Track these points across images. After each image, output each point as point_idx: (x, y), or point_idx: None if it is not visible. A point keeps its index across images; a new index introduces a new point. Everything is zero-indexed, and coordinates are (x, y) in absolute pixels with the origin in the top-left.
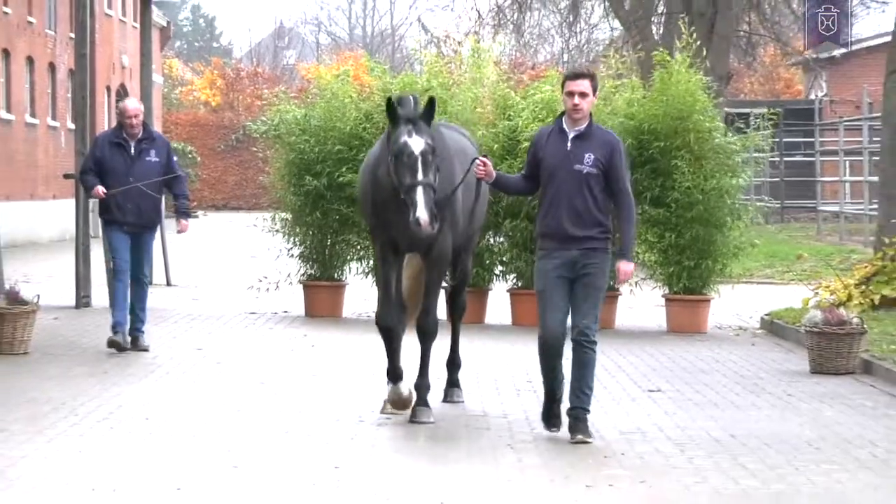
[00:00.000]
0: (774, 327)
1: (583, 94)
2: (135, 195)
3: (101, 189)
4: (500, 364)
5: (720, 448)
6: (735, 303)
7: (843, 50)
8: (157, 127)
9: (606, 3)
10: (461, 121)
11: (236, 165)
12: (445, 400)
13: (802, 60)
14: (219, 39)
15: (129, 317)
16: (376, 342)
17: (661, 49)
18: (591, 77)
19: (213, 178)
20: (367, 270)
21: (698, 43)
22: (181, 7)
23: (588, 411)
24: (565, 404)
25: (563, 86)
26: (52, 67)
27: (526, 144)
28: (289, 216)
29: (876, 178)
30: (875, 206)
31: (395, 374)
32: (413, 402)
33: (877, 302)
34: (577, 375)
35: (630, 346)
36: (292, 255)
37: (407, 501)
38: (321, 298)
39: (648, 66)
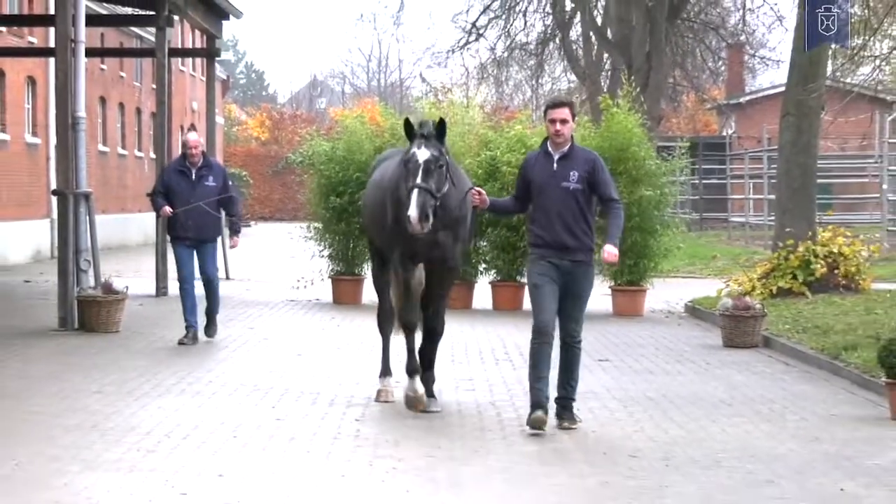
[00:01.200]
0: (695, 311)
1: (563, 121)
2: (195, 214)
3: (167, 209)
4: (483, 340)
5: (654, 405)
6: (665, 292)
7: (749, 97)
8: (218, 157)
9: (565, 62)
10: (452, 153)
11: (280, 186)
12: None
13: (716, 105)
14: (267, 89)
15: (199, 317)
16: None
17: (607, 96)
18: (570, 105)
19: (262, 196)
20: None
21: (637, 91)
22: (238, 63)
23: (573, 400)
24: (552, 395)
25: (545, 114)
26: (138, 111)
27: (504, 169)
28: (320, 226)
29: (773, 196)
30: (772, 217)
31: (412, 369)
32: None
33: (774, 291)
34: (564, 369)
35: (584, 325)
36: (323, 256)
37: (411, 441)
38: (345, 289)
39: (598, 109)
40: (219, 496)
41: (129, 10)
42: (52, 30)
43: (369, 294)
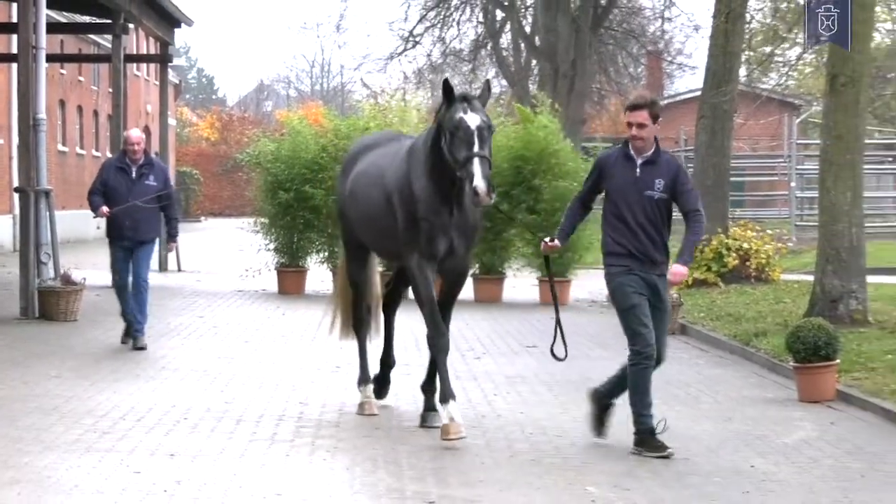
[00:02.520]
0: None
1: (640, 125)
2: (133, 213)
3: (104, 208)
4: (417, 328)
5: (577, 387)
6: (588, 283)
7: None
8: (171, 157)
9: (496, 68)
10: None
11: (229, 184)
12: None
13: None
14: (216, 93)
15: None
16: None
17: (534, 100)
18: (649, 105)
19: (212, 193)
20: (322, 260)
21: (563, 95)
22: (189, 69)
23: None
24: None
25: (625, 114)
26: (95, 114)
27: None
28: (266, 221)
29: None
30: None
31: (448, 393)
32: (449, 419)
33: (690, 282)
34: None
35: (513, 314)
36: (269, 249)
37: (351, 423)
38: (290, 280)
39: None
40: (170, 474)
41: (87, 19)
42: (14, 37)
43: (312, 284)
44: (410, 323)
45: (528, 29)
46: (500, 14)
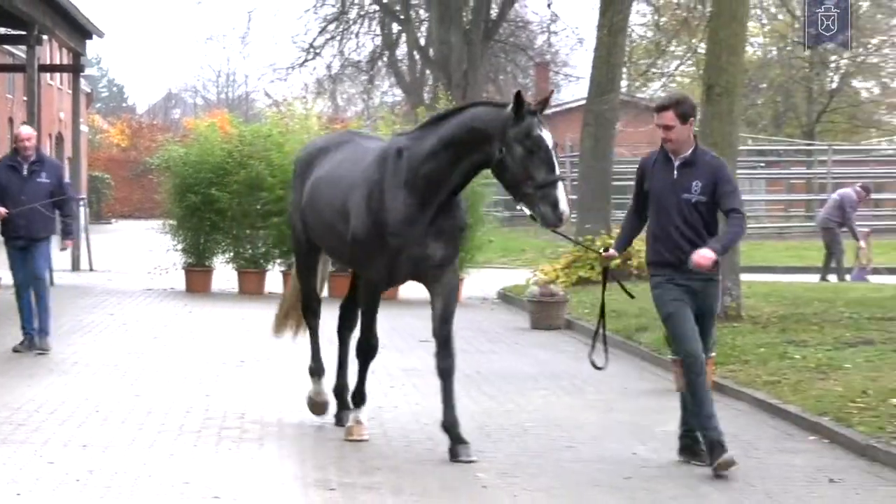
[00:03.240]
0: (507, 298)
1: (667, 127)
2: (26, 212)
3: (2, 210)
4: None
5: (470, 381)
6: (480, 281)
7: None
8: (83, 162)
9: (392, 78)
10: (294, 158)
11: (139, 188)
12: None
13: None
14: (126, 101)
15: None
16: (242, 314)
17: (423, 109)
18: (675, 105)
19: (122, 197)
20: (227, 260)
21: (455, 105)
22: (101, 78)
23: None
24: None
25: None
26: (10, 121)
27: None
28: (174, 222)
29: (575, 197)
30: (575, 215)
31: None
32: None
33: (576, 280)
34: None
35: (408, 310)
36: (177, 249)
37: (257, 414)
38: (197, 279)
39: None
40: (82, 465)
41: (1, 30)
42: None
43: (218, 283)
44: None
45: (422, 41)
46: (396, 27)
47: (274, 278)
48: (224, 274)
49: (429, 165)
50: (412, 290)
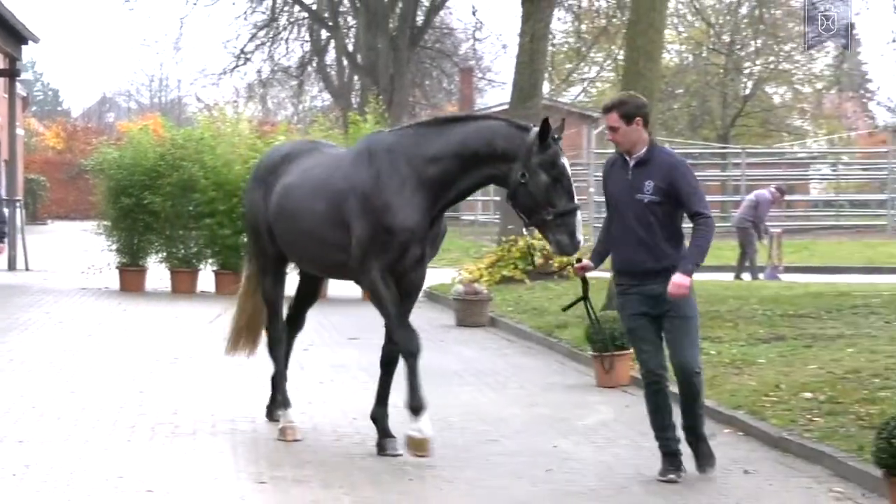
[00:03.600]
0: (432, 296)
1: (612, 129)
2: None
3: None
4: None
5: (398, 376)
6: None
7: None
8: (19, 165)
9: (322, 83)
10: (224, 160)
11: (74, 189)
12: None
13: None
14: (62, 105)
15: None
16: (175, 313)
17: (356, 112)
18: (617, 106)
19: (58, 198)
20: (160, 260)
21: (383, 108)
22: (36, 82)
23: (704, 440)
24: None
25: None
26: None
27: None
28: (109, 223)
29: (498, 198)
30: (498, 216)
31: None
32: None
33: (499, 279)
34: (685, 409)
35: (336, 309)
36: (111, 250)
37: (189, 409)
38: (130, 279)
39: (348, 122)
40: (19, 459)
41: None
42: None
43: (152, 283)
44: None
45: (350, 47)
46: (324, 34)
47: (206, 278)
48: (157, 273)
49: (436, 168)
50: (341, 289)
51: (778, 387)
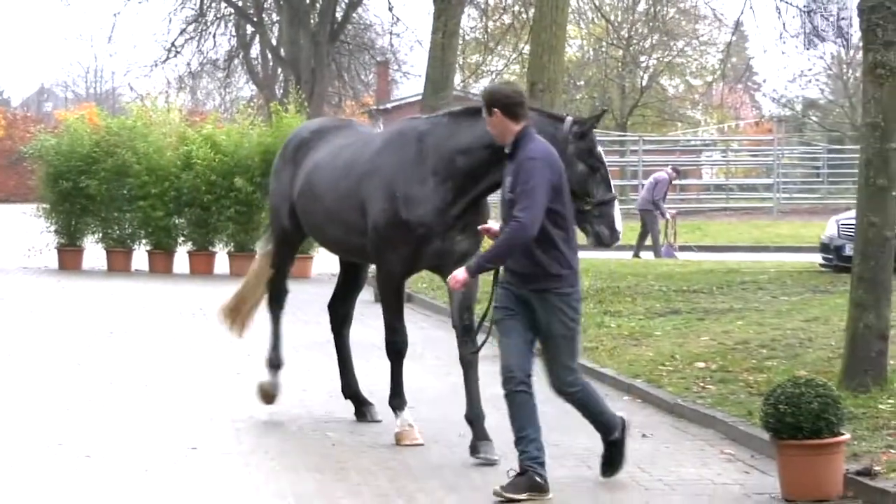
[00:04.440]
0: None
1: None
2: None
3: None
4: (184, 298)
5: (320, 349)
6: (328, 258)
7: (395, 104)
8: None
9: (248, 75)
10: (156, 147)
11: (15, 175)
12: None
13: (368, 110)
14: (1, 95)
15: None
16: (111, 290)
17: (276, 103)
18: (485, 96)
19: None
20: (97, 240)
21: (303, 98)
22: None
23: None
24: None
25: None
26: None
27: (197, 162)
28: (48, 206)
29: None
30: None
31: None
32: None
33: None
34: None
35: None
36: (50, 231)
37: (125, 378)
38: (69, 258)
39: (271, 113)
40: None
41: None
42: None
43: (89, 262)
44: (177, 291)
45: (274, 42)
46: (250, 29)
47: (140, 257)
48: (94, 253)
49: (466, 160)
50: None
51: (673, 357)
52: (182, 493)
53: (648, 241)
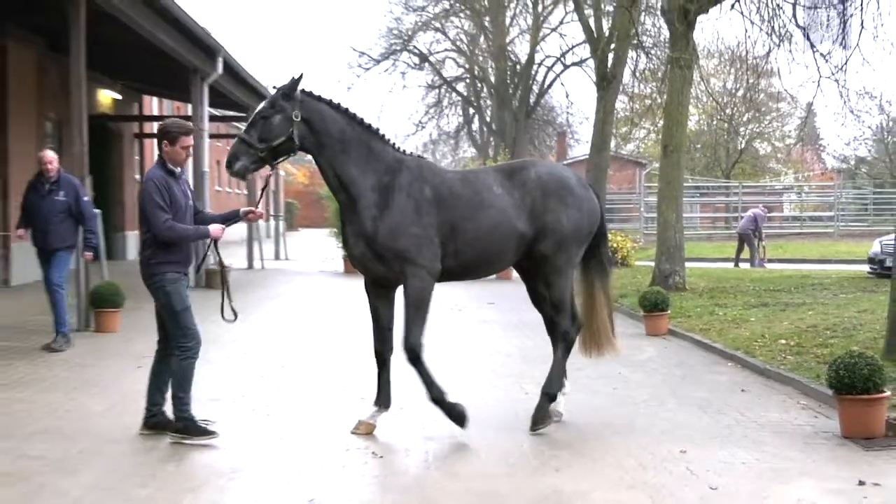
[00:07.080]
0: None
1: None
2: (42, 225)
3: (19, 231)
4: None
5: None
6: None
7: None
8: (280, 193)
9: (469, 142)
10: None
11: (317, 208)
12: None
13: None
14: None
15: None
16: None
17: (492, 160)
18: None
19: (306, 214)
20: None
21: (508, 158)
22: None
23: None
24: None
25: (177, 140)
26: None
27: None
28: (336, 230)
29: None
30: None
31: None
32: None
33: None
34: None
35: (475, 283)
36: (338, 247)
37: (58, 364)
38: (350, 265)
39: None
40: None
41: (231, 112)
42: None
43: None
44: None
45: (488, 119)
46: (471, 110)
47: None
48: None
49: None
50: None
51: (763, 336)
52: None
53: (744, 255)
